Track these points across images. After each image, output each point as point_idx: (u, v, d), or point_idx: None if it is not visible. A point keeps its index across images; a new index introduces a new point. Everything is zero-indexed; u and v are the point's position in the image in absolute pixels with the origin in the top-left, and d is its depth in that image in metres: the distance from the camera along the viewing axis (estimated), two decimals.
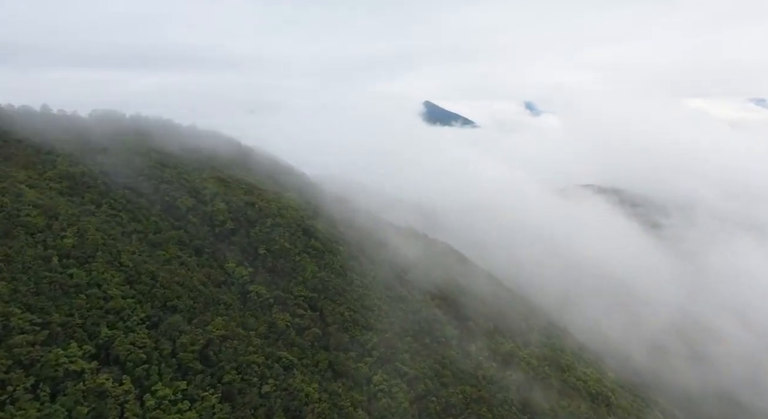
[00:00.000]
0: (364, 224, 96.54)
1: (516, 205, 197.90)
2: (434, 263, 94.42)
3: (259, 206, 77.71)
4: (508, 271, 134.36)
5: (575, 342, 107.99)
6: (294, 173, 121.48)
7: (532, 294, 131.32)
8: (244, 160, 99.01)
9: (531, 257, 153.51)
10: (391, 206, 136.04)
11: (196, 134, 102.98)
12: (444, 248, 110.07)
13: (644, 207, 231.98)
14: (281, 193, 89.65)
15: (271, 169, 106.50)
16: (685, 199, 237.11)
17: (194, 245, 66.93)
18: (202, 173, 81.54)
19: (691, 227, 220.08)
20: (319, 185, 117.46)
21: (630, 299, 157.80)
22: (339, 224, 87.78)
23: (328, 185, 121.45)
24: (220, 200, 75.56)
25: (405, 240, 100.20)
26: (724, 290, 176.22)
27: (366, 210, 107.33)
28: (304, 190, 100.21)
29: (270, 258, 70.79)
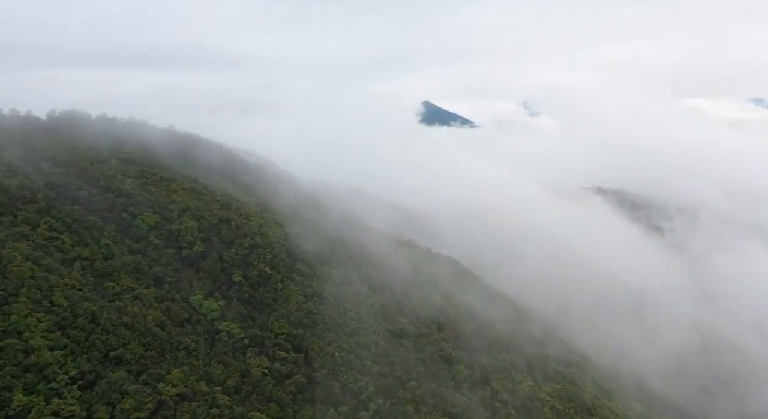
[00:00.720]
0: (360, 238, 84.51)
1: (516, 209, 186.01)
2: (438, 283, 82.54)
3: (236, 222, 65.67)
4: (510, 279, 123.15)
5: (594, 367, 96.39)
6: (284, 179, 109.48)
7: (539, 305, 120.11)
8: (226, 167, 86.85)
9: (533, 264, 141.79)
10: (387, 213, 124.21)
11: (173, 137, 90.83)
12: (446, 262, 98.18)
13: (645, 209, 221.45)
14: (265, 205, 77.56)
15: (259, 177, 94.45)
16: (686, 200, 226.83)
17: (154, 274, 54.91)
18: (171, 183, 69.43)
19: (694, 231, 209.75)
20: (311, 193, 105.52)
21: (641, 309, 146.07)
22: (331, 241, 75.72)
23: (320, 193, 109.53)
24: (190, 216, 63.51)
25: (405, 256, 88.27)
26: (737, 299, 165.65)
27: (362, 221, 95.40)
28: (293, 200, 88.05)
29: (247, 287, 58.81)
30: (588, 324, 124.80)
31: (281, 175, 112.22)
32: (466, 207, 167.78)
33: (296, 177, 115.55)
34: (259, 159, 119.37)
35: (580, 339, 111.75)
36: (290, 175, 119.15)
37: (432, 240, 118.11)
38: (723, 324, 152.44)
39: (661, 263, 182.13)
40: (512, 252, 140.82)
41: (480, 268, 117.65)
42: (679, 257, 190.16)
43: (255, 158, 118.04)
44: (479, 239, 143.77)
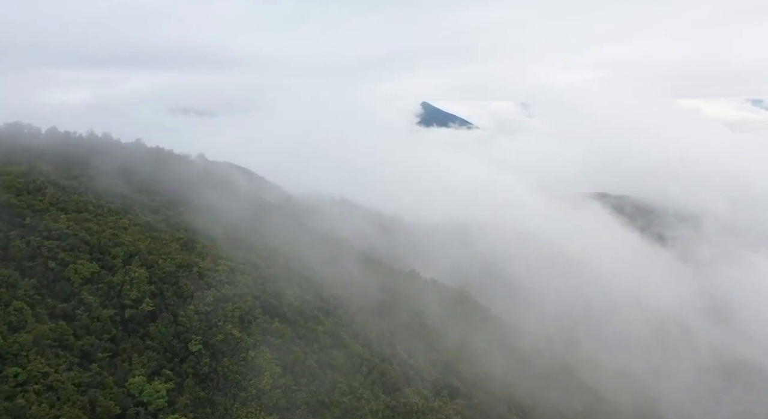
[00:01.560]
0: (359, 276, 70.93)
1: (513, 218, 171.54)
2: (446, 328, 69.09)
3: (199, 268, 51.88)
4: (506, 297, 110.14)
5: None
6: (265, 200, 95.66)
7: (540, 329, 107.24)
8: (197, 188, 72.86)
9: (532, 281, 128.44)
10: (378, 230, 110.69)
11: (139, 153, 76.92)
12: (456, 296, 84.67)
13: (648, 216, 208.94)
14: (242, 240, 63.68)
15: (236, 197, 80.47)
16: (688, 207, 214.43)
17: (81, 348, 41.20)
18: (121, 218, 55.57)
19: (698, 240, 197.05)
20: (297, 213, 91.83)
21: (652, 331, 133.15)
22: (318, 284, 61.99)
23: (308, 211, 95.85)
24: (140, 262, 49.72)
25: (407, 292, 74.75)
26: (750, 316, 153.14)
27: (361, 252, 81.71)
28: (274, 226, 74.30)
29: (207, 358, 45.07)
30: (596, 357, 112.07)
31: (264, 190, 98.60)
32: (460, 218, 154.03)
33: (280, 193, 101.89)
34: (242, 172, 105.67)
35: (591, 376, 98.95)
36: (275, 189, 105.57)
37: (424, 256, 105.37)
38: (740, 345, 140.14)
39: (668, 277, 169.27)
40: (509, 267, 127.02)
41: (474, 285, 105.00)
42: (685, 269, 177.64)
43: (237, 170, 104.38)
44: (473, 252, 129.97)
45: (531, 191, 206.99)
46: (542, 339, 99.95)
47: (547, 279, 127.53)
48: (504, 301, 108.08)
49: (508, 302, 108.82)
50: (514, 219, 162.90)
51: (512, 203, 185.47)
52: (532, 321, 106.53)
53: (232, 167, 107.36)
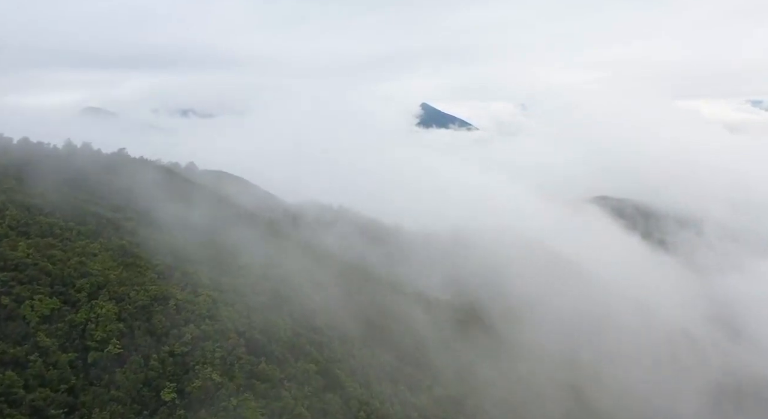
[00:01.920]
0: (357, 298, 64.95)
1: (516, 223, 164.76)
2: (461, 364, 63.16)
3: (177, 302, 45.87)
4: (515, 307, 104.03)
5: None
6: (264, 208, 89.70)
7: (543, 344, 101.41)
8: (182, 205, 66.66)
9: (538, 287, 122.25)
10: (383, 240, 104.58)
11: (120, 166, 70.84)
12: (465, 317, 78.73)
13: (647, 219, 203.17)
14: (228, 263, 57.58)
15: (233, 213, 74.45)
16: (688, 210, 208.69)
17: (32, 403, 35.19)
18: (90, 242, 49.52)
19: (701, 244, 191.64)
20: (296, 228, 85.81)
21: (659, 344, 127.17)
22: (315, 310, 56.03)
23: (306, 225, 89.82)
24: (109, 295, 43.74)
25: (418, 318, 68.84)
26: (760, 328, 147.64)
27: (358, 268, 75.67)
28: (269, 245, 68.26)
29: (182, 409, 39.05)
30: (602, 373, 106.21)
31: (257, 201, 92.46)
32: (458, 225, 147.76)
33: (274, 204, 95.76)
34: (234, 181, 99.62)
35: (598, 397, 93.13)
36: (268, 199, 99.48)
37: (424, 268, 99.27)
38: (751, 358, 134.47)
39: (673, 285, 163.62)
40: (510, 277, 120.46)
41: (475, 296, 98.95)
42: (689, 276, 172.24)
43: (229, 179, 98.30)
44: (474, 261, 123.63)
45: (531, 196, 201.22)
46: (548, 357, 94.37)
47: (551, 290, 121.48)
48: (506, 314, 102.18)
49: (510, 315, 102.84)
50: (514, 226, 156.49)
51: (512, 209, 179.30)
52: (537, 337, 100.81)
53: (224, 175, 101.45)
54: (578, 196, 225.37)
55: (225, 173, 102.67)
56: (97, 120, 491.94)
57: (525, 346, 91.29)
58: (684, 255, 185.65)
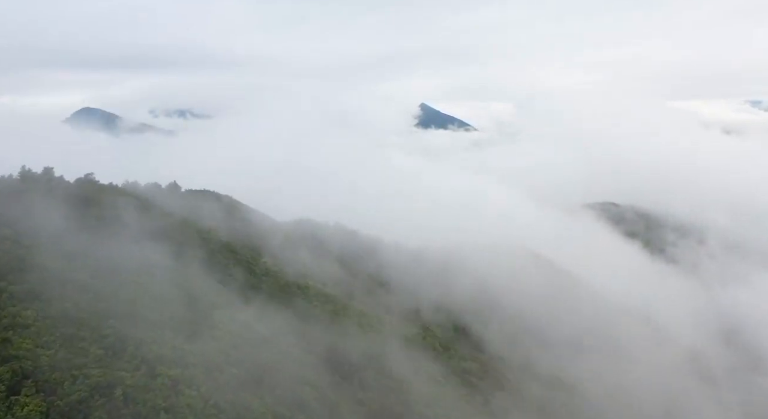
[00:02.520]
0: (342, 341, 55.46)
1: (514, 233, 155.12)
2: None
3: (125, 390, 36.34)
4: (515, 327, 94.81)
5: None
6: (252, 233, 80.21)
7: (559, 367, 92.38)
8: (153, 250, 56.72)
9: (538, 303, 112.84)
10: (380, 261, 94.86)
11: (82, 197, 60.97)
12: (474, 368, 69.30)
13: (649, 226, 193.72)
14: (197, 322, 48.01)
15: (210, 247, 64.66)
16: (690, 218, 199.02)
17: None
18: (24, 308, 39.95)
19: (704, 254, 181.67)
20: (282, 253, 76.42)
21: (671, 362, 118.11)
22: (293, 380, 46.55)
23: (294, 250, 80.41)
24: (35, 387, 34.34)
25: (417, 368, 59.40)
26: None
27: (346, 303, 66.19)
28: (251, 290, 58.68)
29: None
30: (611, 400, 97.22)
31: (244, 225, 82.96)
32: (451, 237, 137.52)
33: (264, 226, 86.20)
34: (220, 201, 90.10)
35: None
36: (258, 219, 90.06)
37: (419, 286, 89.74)
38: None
39: (677, 298, 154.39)
40: (508, 292, 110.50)
41: (471, 314, 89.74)
42: (693, 288, 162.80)
43: (213, 200, 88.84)
44: (469, 276, 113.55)
45: (528, 203, 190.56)
46: (555, 384, 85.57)
47: (551, 307, 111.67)
48: (506, 335, 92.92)
49: (510, 337, 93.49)
50: (509, 235, 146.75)
51: (508, 218, 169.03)
52: (541, 362, 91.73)
53: (210, 196, 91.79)
54: (576, 201, 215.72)
55: (211, 193, 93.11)
56: (97, 121, 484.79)
57: (530, 369, 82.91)
58: (687, 265, 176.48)
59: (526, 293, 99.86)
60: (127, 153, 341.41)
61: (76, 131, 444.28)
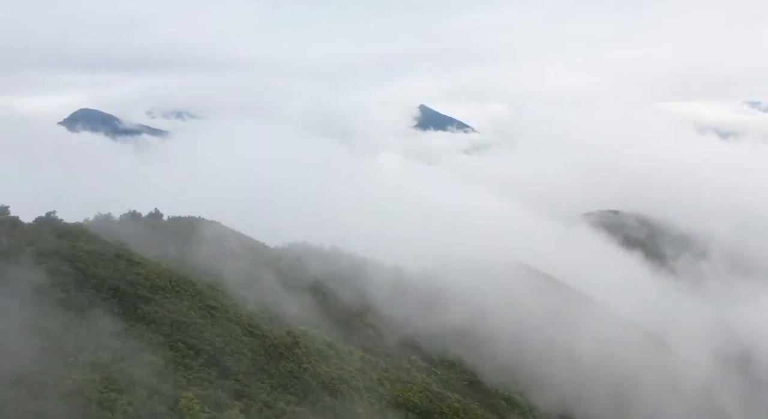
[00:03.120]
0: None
1: (512, 247, 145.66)
2: None
3: None
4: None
5: None
6: (238, 267, 73.18)
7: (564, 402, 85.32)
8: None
9: (539, 327, 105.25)
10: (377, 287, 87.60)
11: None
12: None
13: (647, 236, 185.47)
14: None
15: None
16: (689, 228, 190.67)
17: None
18: None
19: (705, 268, 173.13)
20: (270, 291, 69.57)
21: (684, 386, 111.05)
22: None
23: (284, 283, 73.58)
24: None
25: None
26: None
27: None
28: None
29: None
30: None
31: (228, 257, 76.01)
32: (441, 254, 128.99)
33: (249, 257, 79.17)
34: (205, 227, 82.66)
35: None
36: (245, 249, 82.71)
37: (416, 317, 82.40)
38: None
39: (683, 315, 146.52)
40: (504, 315, 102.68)
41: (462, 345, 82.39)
42: (698, 305, 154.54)
43: (198, 227, 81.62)
44: (460, 296, 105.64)
45: (527, 212, 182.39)
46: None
47: (556, 331, 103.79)
48: (502, 370, 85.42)
49: (508, 372, 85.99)
50: (508, 250, 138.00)
51: (506, 230, 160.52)
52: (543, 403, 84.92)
53: (196, 223, 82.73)
54: (573, 209, 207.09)
55: (197, 220, 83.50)
56: (92, 121, 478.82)
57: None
58: (691, 279, 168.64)
59: (526, 318, 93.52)
60: (120, 158, 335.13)
61: (72, 133, 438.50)
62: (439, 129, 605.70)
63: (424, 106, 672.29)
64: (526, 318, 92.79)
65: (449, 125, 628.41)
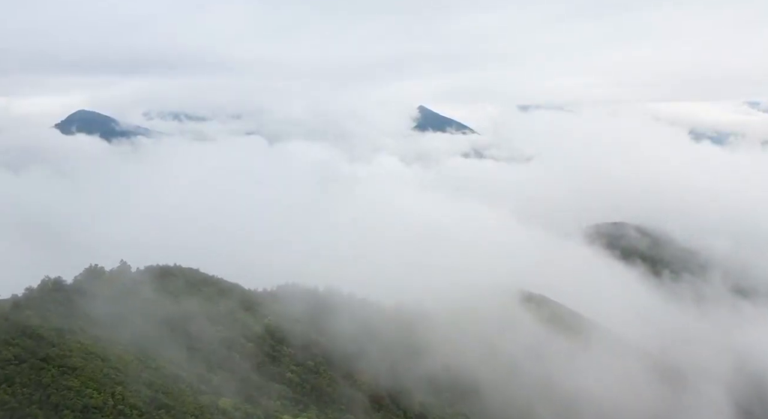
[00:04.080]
0: None
1: (509, 268, 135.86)
2: None
3: None
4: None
5: None
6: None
7: None
8: None
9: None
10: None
11: None
12: None
13: (650, 252, 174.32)
14: None
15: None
16: (691, 245, 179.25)
17: None
18: None
19: (709, 288, 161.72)
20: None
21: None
22: None
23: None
24: None
25: None
26: None
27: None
28: None
29: None
30: None
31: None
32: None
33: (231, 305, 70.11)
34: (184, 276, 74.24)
35: None
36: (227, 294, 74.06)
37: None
38: None
39: (692, 338, 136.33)
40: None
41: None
42: (706, 328, 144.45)
43: (170, 275, 73.94)
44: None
45: (522, 228, 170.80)
46: None
47: (558, 371, 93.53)
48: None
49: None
50: (503, 271, 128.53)
51: (502, 250, 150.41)
52: None
53: (167, 273, 73.69)
54: (568, 220, 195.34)
55: (169, 269, 74.70)
56: (89, 123, 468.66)
57: None
58: (693, 300, 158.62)
59: (519, 361, 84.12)
60: (113, 163, 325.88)
61: (68, 135, 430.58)
62: (438, 130, 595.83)
63: (423, 107, 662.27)
64: (520, 360, 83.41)
65: (448, 126, 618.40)
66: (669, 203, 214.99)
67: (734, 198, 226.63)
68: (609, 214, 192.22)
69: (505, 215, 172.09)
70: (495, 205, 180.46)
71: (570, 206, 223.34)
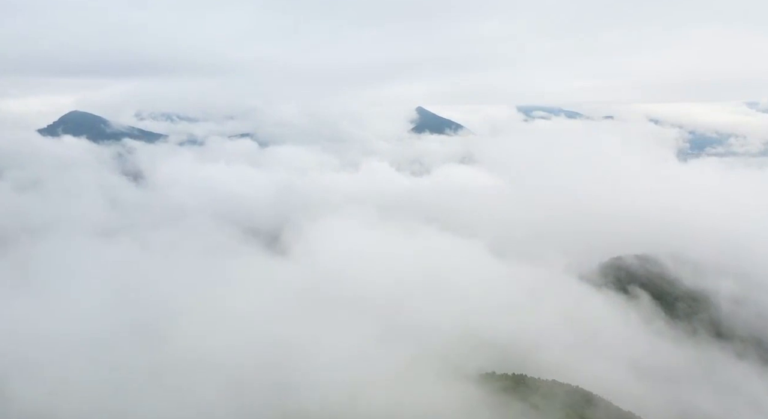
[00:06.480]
0: None
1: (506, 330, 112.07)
2: None
3: None
4: None
5: None
6: None
7: None
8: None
9: None
10: None
11: None
12: None
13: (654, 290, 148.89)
14: None
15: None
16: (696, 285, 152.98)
17: None
18: None
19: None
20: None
21: None
22: None
23: None
24: None
25: None
26: None
27: None
28: None
29: None
30: None
31: None
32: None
33: None
34: None
35: None
36: None
37: None
38: None
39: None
40: None
41: None
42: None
43: None
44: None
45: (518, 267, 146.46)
46: None
47: None
48: None
49: None
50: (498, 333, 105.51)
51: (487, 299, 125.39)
52: None
53: None
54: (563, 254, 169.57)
55: None
56: (80, 124, 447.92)
57: None
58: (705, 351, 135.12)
59: None
60: (102, 166, 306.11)
61: (57, 137, 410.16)
62: (435, 132, 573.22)
63: (421, 108, 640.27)
64: None
65: (447, 127, 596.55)
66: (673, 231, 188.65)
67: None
68: (609, 246, 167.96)
69: (480, 248, 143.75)
70: (472, 235, 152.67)
71: (574, 237, 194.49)
